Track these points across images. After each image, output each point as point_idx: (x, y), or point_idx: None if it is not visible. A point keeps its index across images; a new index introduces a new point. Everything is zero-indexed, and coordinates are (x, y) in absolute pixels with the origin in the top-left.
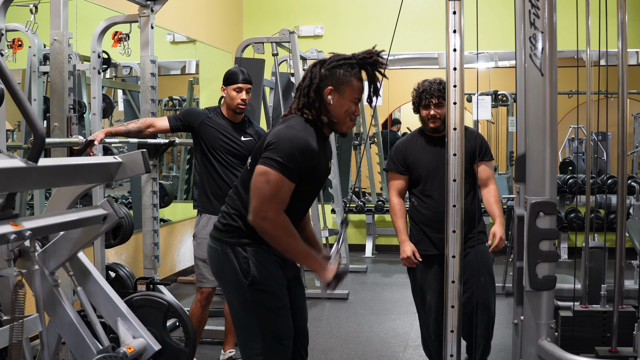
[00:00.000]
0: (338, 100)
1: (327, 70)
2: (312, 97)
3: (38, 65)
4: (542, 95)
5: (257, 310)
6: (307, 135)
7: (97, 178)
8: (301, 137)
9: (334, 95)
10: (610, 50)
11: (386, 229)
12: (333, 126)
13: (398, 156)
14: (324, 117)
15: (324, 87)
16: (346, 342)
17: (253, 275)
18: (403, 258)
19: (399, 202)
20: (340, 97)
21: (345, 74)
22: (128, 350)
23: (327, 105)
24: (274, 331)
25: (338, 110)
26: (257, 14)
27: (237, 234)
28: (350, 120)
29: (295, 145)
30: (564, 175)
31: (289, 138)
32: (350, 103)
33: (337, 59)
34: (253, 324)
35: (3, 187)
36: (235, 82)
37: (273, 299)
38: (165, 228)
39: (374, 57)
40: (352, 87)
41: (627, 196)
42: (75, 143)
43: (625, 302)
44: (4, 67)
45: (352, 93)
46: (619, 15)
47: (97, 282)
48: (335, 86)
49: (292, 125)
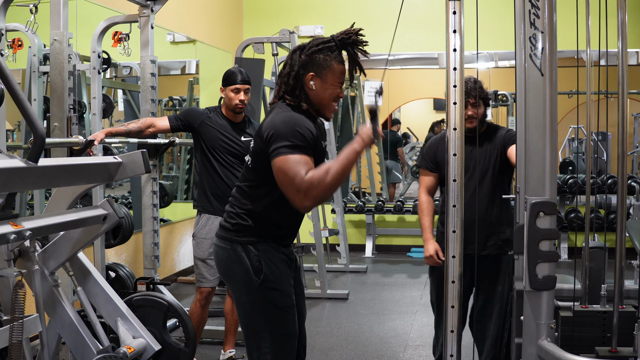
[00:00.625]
0: (320, 85)
1: (306, 56)
2: (291, 84)
3: (38, 65)
4: (542, 95)
5: (267, 308)
6: (296, 114)
7: (97, 178)
8: (292, 115)
9: (315, 80)
10: (610, 50)
11: (386, 229)
12: (317, 110)
13: (429, 153)
14: (304, 103)
15: (305, 73)
16: (346, 342)
17: (265, 273)
18: (426, 257)
19: (427, 199)
20: (322, 82)
21: (326, 59)
22: (128, 350)
23: (309, 91)
24: (283, 330)
25: (321, 95)
26: (257, 14)
27: (248, 232)
28: (334, 103)
29: (292, 123)
30: (564, 175)
31: (282, 121)
32: (333, 87)
33: (316, 43)
34: (262, 322)
35: (3, 187)
36: (233, 83)
37: (283, 297)
38: (165, 228)
39: (352, 36)
40: (333, 71)
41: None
42: (75, 143)
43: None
44: (4, 67)
45: (333, 77)
46: (619, 15)
47: (97, 282)
48: (317, 72)
49: (279, 111)
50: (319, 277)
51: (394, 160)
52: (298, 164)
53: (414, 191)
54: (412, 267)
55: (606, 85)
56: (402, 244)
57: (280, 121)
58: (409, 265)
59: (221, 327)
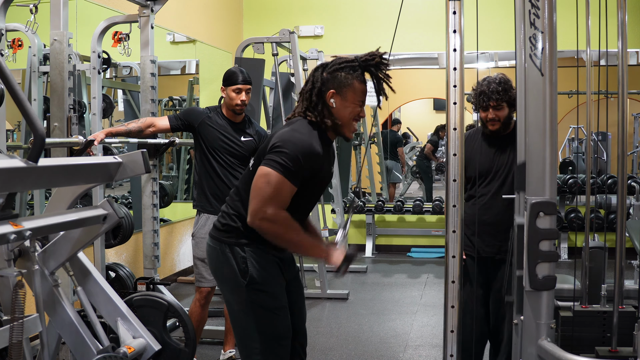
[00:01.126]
0: (341, 103)
1: (328, 73)
2: (314, 101)
3: (38, 65)
4: (542, 95)
5: (254, 310)
6: (311, 139)
7: (97, 178)
8: (305, 140)
9: (336, 98)
10: (610, 50)
11: (386, 229)
12: (337, 129)
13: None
14: (327, 120)
15: (326, 90)
16: (346, 342)
17: (251, 275)
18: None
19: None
20: (342, 100)
21: (347, 77)
22: (128, 350)
23: (331, 109)
24: (272, 331)
25: (342, 113)
26: (257, 14)
27: (236, 234)
28: (354, 122)
29: (300, 148)
30: (564, 175)
31: (293, 141)
32: (353, 106)
33: (339, 62)
34: (251, 323)
35: (3, 187)
36: (234, 83)
37: (271, 299)
38: (165, 228)
39: (376, 58)
40: (354, 90)
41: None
42: (75, 143)
43: (625, 302)
44: (4, 67)
45: (354, 96)
46: (619, 15)
47: (97, 282)
48: (337, 89)
49: (296, 128)
50: (319, 277)
51: (394, 160)
52: (281, 189)
53: (413, 191)
54: (412, 267)
55: (606, 85)
56: (402, 244)
57: (291, 140)
58: (409, 265)
59: (221, 327)
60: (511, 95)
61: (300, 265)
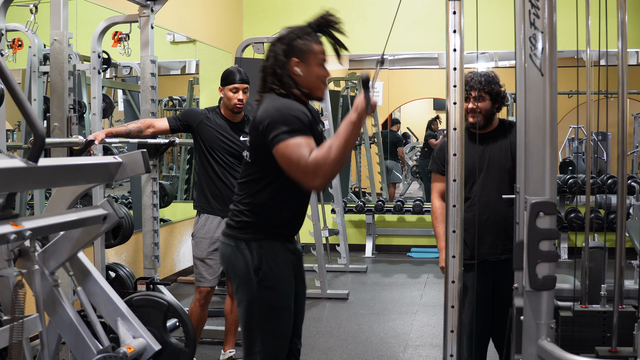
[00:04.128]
0: (306, 69)
1: (286, 44)
2: (279, 74)
3: (38, 65)
4: (542, 95)
5: (261, 307)
6: (288, 101)
7: (97, 178)
8: (285, 101)
9: (300, 66)
10: (610, 50)
11: (386, 229)
12: (308, 94)
13: (440, 155)
14: (295, 90)
15: (288, 61)
16: (346, 342)
17: (264, 271)
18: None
19: (441, 205)
20: (306, 66)
21: (305, 43)
22: (128, 350)
23: (297, 78)
24: (274, 330)
25: (309, 79)
26: (257, 14)
27: (252, 229)
28: (322, 83)
29: (285, 109)
30: (564, 175)
31: (276, 108)
32: (318, 68)
33: (293, 31)
34: (255, 320)
35: (3, 187)
36: (232, 83)
37: (279, 298)
38: (165, 228)
39: (326, 17)
40: (315, 53)
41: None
42: (75, 143)
43: (625, 302)
44: (4, 67)
45: (316, 59)
46: (619, 15)
47: (97, 282)
48: (300, 57)
49: (270, 101)
50: (319, 277)
51: (394, 160)
52: (300, 146)
53: (413, 191)
54: (412, 267)
55: (606, 85)
56: (402, 244)
57: (274, 109)
58: (409, 265)
59: (221, 327)
60: (494, 88)
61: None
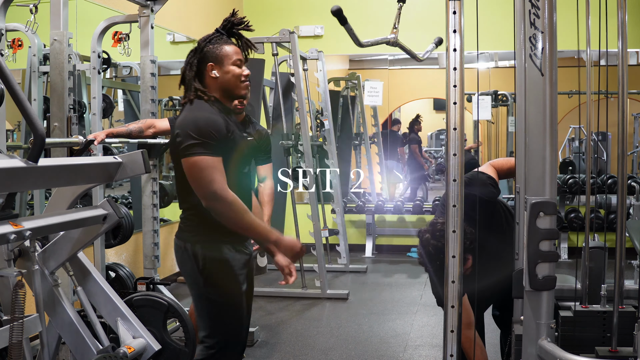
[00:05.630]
0: (221, 70)
1: (199, 53)
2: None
3: (38, 65)
4: (542, 95)
5: (208, 303)
6: (203, 110)
7: (97, 178)
8: (198, 113)
9: (216, 68)
10: (610, 50)
11: (386, 229)
12: (230, 95)
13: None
14: (214, 93)
15: (204, 67)
16: (346, 342)
17: (208, 272)
18: None
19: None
20: (221, 67)
21: (216, 46)
22: (128, 350)
23: (215, 80)
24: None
25: (226, 78)
26: (257, 14)
27: (196, 231)
28: (241, 82)
29: (198, 121)
30: (564, 175)
31: (190, 120)
32: (232, 67)
33: (204, 39)
34: (205, 316)
35: (3, 187)
36: None
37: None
38: (165, 228)
39: (230, 20)
40: (226, 54)
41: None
42: (75, 143)
43: (625, 302)
44: (4, 67)
45: (229, 59)
46: (619, 15)
47: (97, 282)
48: (214, 60)
49: (188, 110)
50: (319, 277)
51: (394, 160)
52: (210, 167)
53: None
54: (412, 267)
55: (606, 85)
56: (402, 244)
57: (188, 120)
58: (409, 265)
59: None
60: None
61: (300, 265)
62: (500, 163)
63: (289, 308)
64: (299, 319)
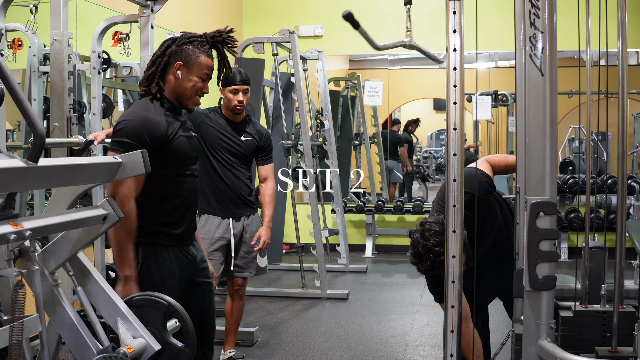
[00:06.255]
0: (186, 76)
1: (177, 46)
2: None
3: (38, 65)
4: (542, 95)
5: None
6: (147, 111)
7: (97, 178)
8: (141, 113)
9: (182, 70)
10: (610, 50)
11: (386, 229)
12: (180, 101)
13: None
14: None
15: (173, 62)
16: (346, 342)
17: (143, 275)
18: None
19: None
20: (188, 72)
21: (195, 50)
22: (128, 350)
23: (175, 80)
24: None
25: (185, 85)
26: (257, 14)
27: (140, 232)
28: (196, 95)
29: (134, 121)
30: (564, 175)
31: (130, 115)
32: (197, 80)
33: (188, 36)
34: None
35: (3, 187)
36: (232, 84)
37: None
38: None
39: (223, 34)
40: (200, 64)
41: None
42: (75, 143)
43: (625, 302)
44: (4, 67)
45: (200, 70)
46: (619, 15)
47: (97, 282)
48: (185, 61)
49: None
50: (319, 277)
51: (394, 160)
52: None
53: (413, 191)
54: (412, 267)
55: (606, 85)
56: (402, 244)
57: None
58: (409, 265)
59: (221, 327)
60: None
61: (300, 265)
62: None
63: (289, 308)
64: (299, 319)
